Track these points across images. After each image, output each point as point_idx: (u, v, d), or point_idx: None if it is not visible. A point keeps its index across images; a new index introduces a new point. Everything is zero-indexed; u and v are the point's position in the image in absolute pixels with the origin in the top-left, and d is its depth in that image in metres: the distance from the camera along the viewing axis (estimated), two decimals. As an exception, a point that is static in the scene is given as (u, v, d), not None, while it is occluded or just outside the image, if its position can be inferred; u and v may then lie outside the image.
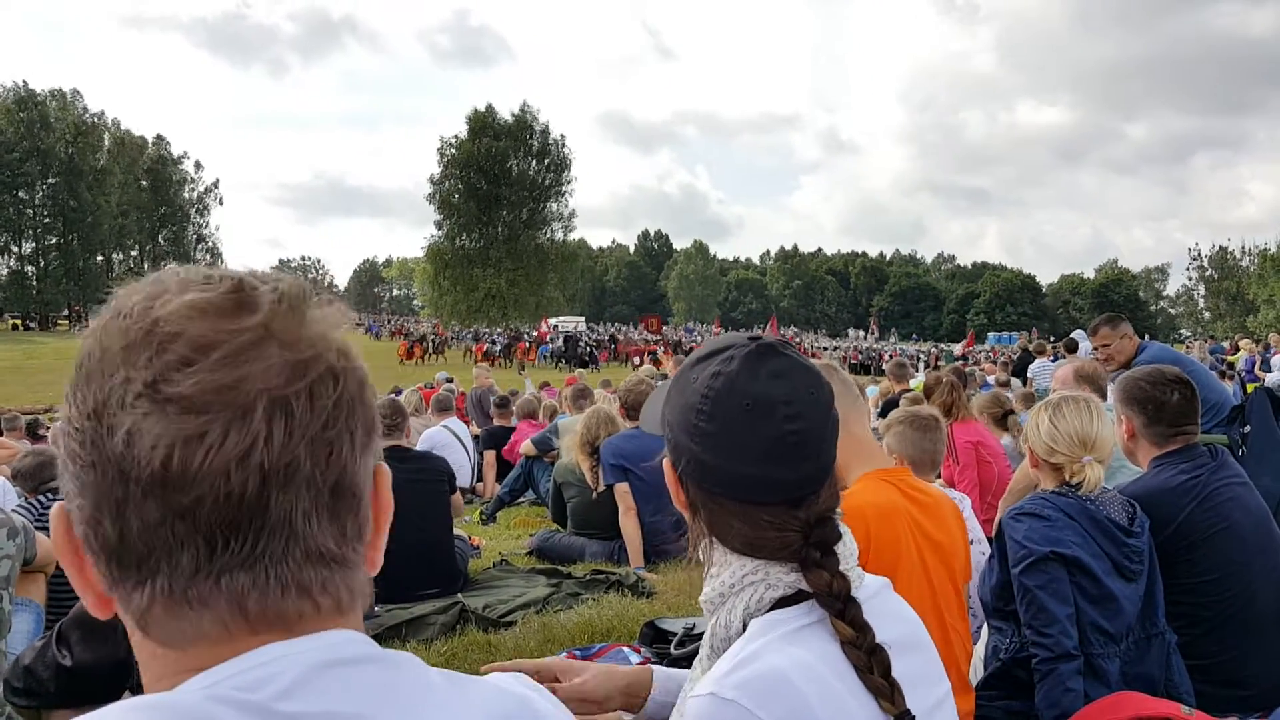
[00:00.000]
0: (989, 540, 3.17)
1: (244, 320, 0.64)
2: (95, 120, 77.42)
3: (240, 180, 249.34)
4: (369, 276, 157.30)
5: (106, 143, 77.64)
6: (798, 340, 49.18)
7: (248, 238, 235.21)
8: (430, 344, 44.42)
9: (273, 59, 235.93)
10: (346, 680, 0.64)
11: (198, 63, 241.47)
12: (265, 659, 0.63)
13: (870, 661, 1.09)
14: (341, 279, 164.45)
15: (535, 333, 49.67)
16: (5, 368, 31.59)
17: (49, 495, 4.07)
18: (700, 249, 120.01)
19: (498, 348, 43.16)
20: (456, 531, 5.74)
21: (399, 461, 4.94)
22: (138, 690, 1.77)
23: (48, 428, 10.58)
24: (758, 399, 1.16)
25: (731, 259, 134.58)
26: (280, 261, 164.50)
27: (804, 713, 1.05)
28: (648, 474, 5.72)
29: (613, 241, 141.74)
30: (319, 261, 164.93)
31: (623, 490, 5.77)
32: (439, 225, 54.60)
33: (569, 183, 56.01)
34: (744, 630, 1.16)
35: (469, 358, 40.99)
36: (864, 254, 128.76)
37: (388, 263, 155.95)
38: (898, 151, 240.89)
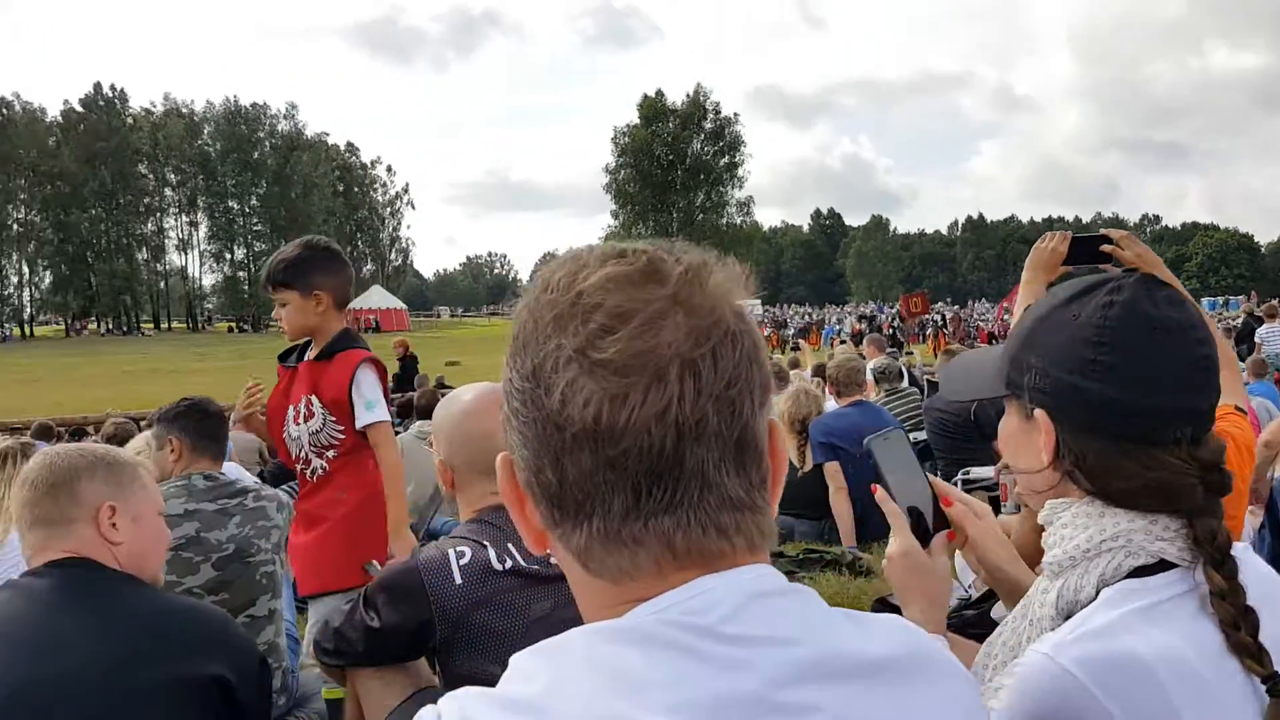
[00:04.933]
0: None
1: (655, 291, 0.69)
2: (300, 130, 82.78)
3: (416, 180, 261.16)
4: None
5: (321, 154, 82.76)
6: (987, 314, 46.98)
7: (430, 237, 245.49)
8: None
9: (432, 57, 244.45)
10: (774, 609, 0.70)
11: (359, 66, 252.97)
12: (701, 590, 0.69)
13: (1239, 620, 1.01)
14: (524, 273, 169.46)
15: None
16: (225, 368, 34.21)
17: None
18: (879, 224, 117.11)
19: (791, 331, 41.48)
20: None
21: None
22: (439, 651, 1.89)
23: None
24: (1164, 323, 1.10)
25: (915, 232, 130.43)
26: (468, 258, 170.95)
27: (1161, 710, 0.97)
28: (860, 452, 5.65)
29: (782, 222, 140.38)
30: (504, 257, 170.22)
31: (833, 469, 5.70)
32: (615, 215, 55.17)
33: (743, 163, 55.43)
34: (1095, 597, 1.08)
35: None
36: (1060, 219, 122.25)
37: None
38: (1078, 108, 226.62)
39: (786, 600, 0.72)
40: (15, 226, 74.05)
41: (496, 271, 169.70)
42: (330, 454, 3.09)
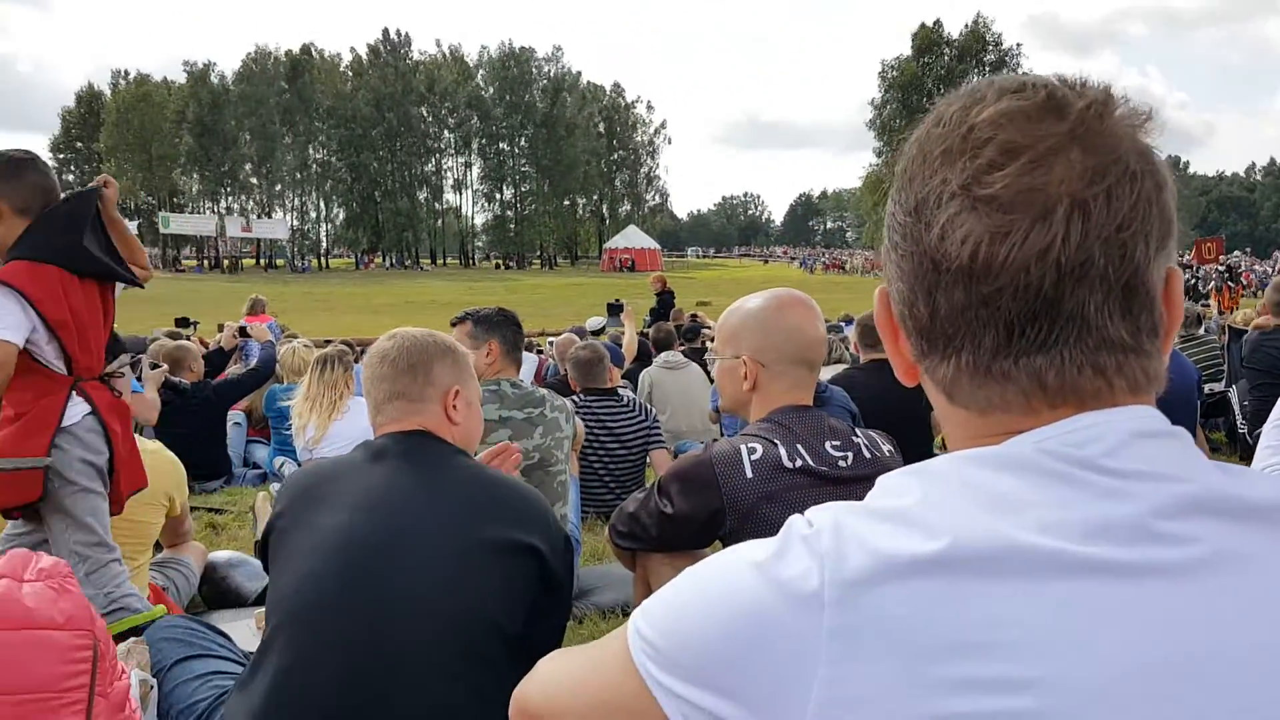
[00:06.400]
0: None
1: (1051, 126, 0.67)
2: (568, 74, 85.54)
3: (671, 120, 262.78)
4: (804, 209, 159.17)
5: (588, 96, 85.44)
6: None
7: (684, 177, 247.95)
8: None
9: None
10: (1159, 448, 0.69)
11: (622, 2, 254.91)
12: (1083, 425, 0.68)
13: None
14: (778, 215, 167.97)
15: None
16: (492, 301, 36.23)
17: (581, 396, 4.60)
18: (1172, 164, 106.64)
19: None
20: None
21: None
22: (727, 540, 1.98)
23: (540, 349, 11.93)
24: None
25: (1212, 175, 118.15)
26: (723, 198, 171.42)
27: None
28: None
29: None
30: (759, 197, 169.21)
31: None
32: (878, 153, 53.54)
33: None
34: None
35: None
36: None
37: (823, 195, 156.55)
38: None
39: (1170, 442, 0.70)
40: (315, 167, 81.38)
41: (750, 212, 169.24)
42: None
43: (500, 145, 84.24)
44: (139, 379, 5.29)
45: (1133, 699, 0.61)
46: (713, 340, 8.90)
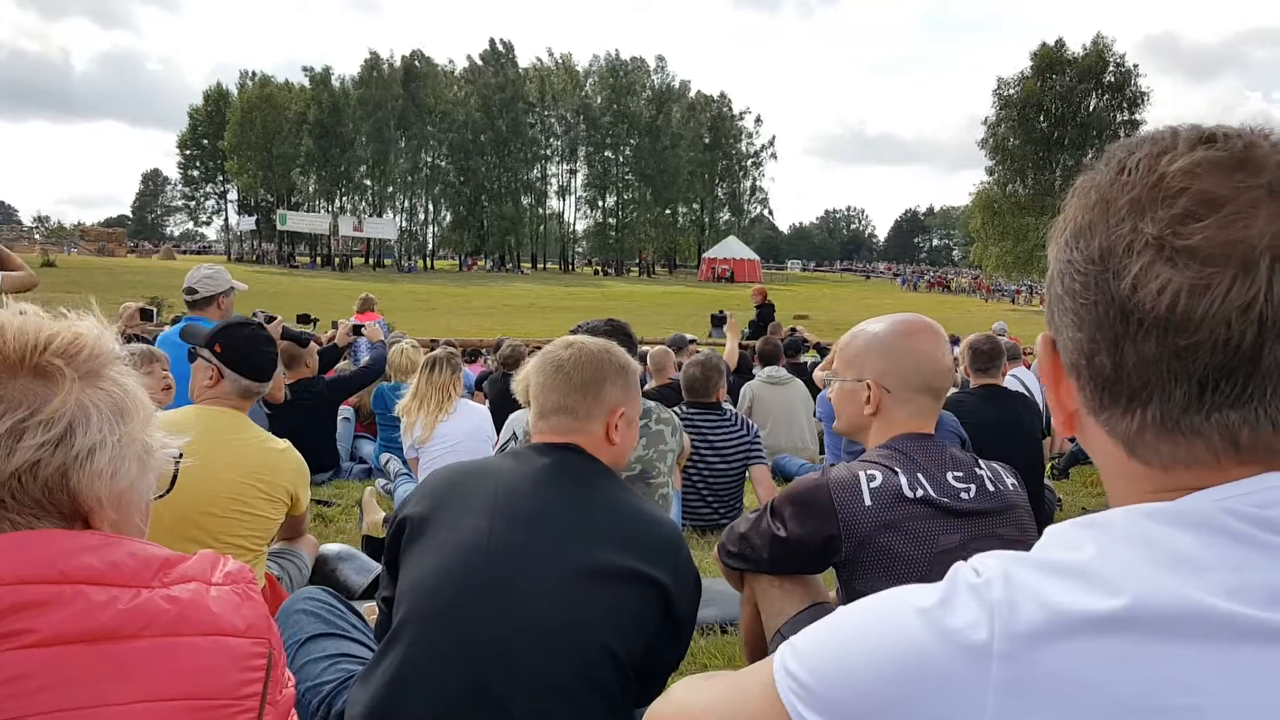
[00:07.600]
0: None
1: (1248, 179, 0.66)
2: (671, 84, 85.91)
3: (775, 131, 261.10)
4: (909, 225, 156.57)
5: (697, 107, 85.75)
6: None
7: (787, 189, 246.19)
8: None
9: (798, 2, 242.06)
10: None
11: (725, 13, 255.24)
12: (1268, 485, 0.67)
13: None
14: (881, 230, 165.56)
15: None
16: (590, 306, 36.64)
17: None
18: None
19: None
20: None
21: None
22: (842, 567, 1.94)
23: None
24: None
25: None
26: (826, 211, 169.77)
27: None
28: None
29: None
30: (862, 211, 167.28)
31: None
32: (990, 171, 52.11)
33: (1146, 121, 50.03)
34: None
35: None
36: None
37: (929, 212, 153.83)
38: None
39: None
40: (425, 170, 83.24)
41: (854, 227, 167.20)
42: None
43: (605, 154, 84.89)
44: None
45: None
46: (814, 346, 8.70)
